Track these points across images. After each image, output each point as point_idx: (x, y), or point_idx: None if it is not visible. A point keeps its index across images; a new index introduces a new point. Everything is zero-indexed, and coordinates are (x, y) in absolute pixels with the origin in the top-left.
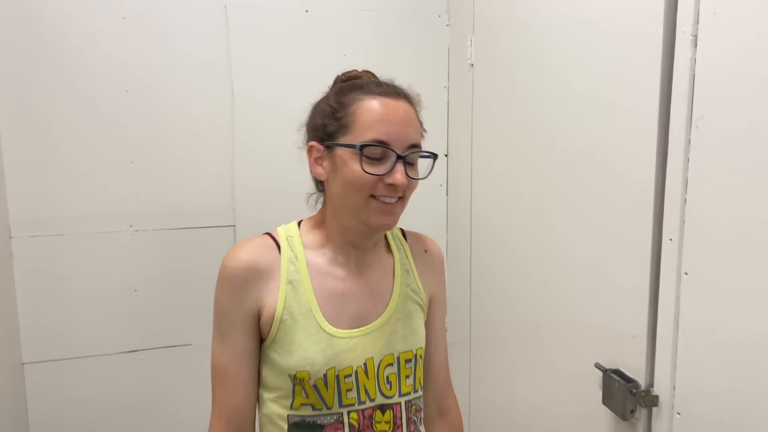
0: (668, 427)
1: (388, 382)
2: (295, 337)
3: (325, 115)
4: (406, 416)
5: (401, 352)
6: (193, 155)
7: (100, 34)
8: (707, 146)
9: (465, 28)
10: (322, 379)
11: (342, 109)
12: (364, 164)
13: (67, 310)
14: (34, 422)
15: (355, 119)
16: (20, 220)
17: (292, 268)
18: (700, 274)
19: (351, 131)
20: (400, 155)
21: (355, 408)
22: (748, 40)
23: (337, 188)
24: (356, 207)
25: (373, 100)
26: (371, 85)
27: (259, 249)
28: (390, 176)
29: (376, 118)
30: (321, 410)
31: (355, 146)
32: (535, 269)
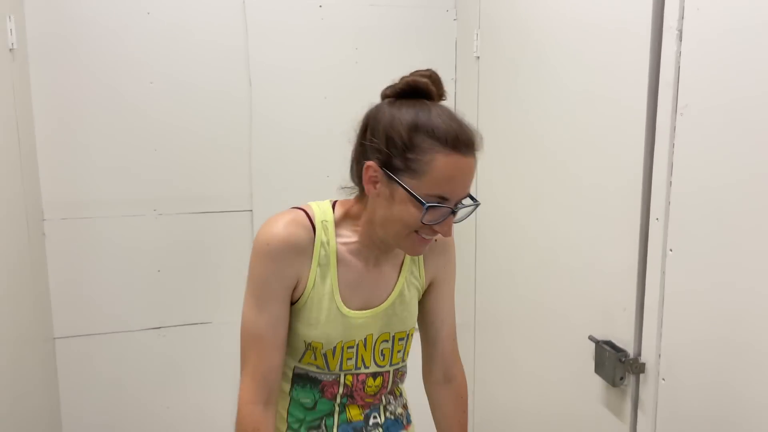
0: (654, 391)
1: (382, 354)
2: (318, 315)
3: (394, 146)
4: (392, 379)
5: (397, 332)
6: (213, 143)
7: (127, 29)
8: (691, 132)
9: (471, 22)
10: (331, 349)
11: (415, 152)
12: (424, 216)
13: (96, 289)
14: (64, 393)
15: (427, 172)
16: (52, 203)
17: (323, 253)
18: (684, 250)
19: (419, 179)
20: (453, 209)
21: (351, 372)
22: (729, 35)
23: (384, 213)
24: (396, 236)
25: (449, 157)
26: (449, 135)
27: (296, 227)
28: (440, 227)
29: (448, 178)
30: (323, 370)
31: (423, 204)
32: (534, 250)
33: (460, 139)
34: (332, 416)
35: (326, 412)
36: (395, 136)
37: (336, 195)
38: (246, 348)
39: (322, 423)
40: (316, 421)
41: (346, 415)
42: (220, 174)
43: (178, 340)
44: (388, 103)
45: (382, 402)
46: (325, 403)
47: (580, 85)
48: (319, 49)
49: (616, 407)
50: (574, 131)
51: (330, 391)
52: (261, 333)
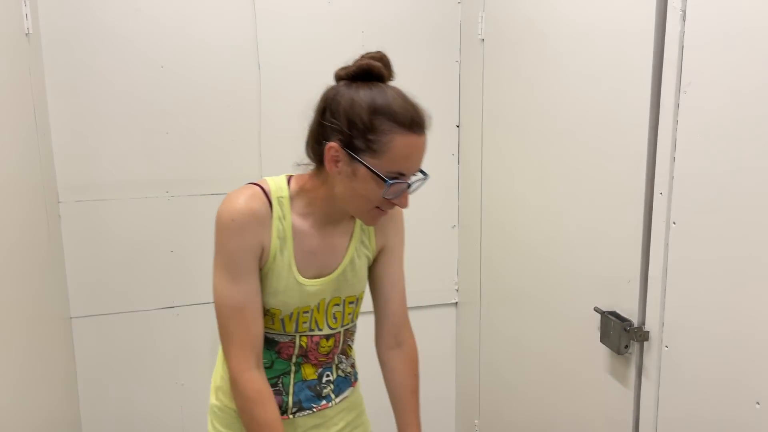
0: (657, 358)
1: (335, 317)
2: (278, 285)
3: (355, 127)
4: (343, 339)
5: (347, 296)
6: (224, 126)
7: (138, 13)
8: (694, 110)
9: (476, 5)
10: (288, 315)
11: (375, 133)
12: (385, 192)
13: (110, 270)
14: (81, 371)
15: (387, 151)
16: (67, 186)
17: (281, 227)
18: (686, 223)
19: (379, 158)
20: (408, 184)
21: (306, 334)
22: (730, 16)
23: (346, 190)
24: (358, 210)
25: (406, 137)
26: (406, 118)
27: (254, 200)
28: (398, 200)
29: (405, 156)
30: (280, 332)
31: (386, 181)
32: (540, 227)
33: (415, 120)
34: (288, 375)
35: (282, 371)
36: (356, 118)
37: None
38: (227, 320)
39: (279, 381)
40: (273, 379)
41: (301, 374)
42: (231, 156)
43: (191, 319)
44: (345, 85)
45: (335, 361)
46: (282, 362)
47: (586, 65)
48: (326, 33)
49: (621, 374)
50: (579, 110)
51: (286, 352)
52: (241, 304)
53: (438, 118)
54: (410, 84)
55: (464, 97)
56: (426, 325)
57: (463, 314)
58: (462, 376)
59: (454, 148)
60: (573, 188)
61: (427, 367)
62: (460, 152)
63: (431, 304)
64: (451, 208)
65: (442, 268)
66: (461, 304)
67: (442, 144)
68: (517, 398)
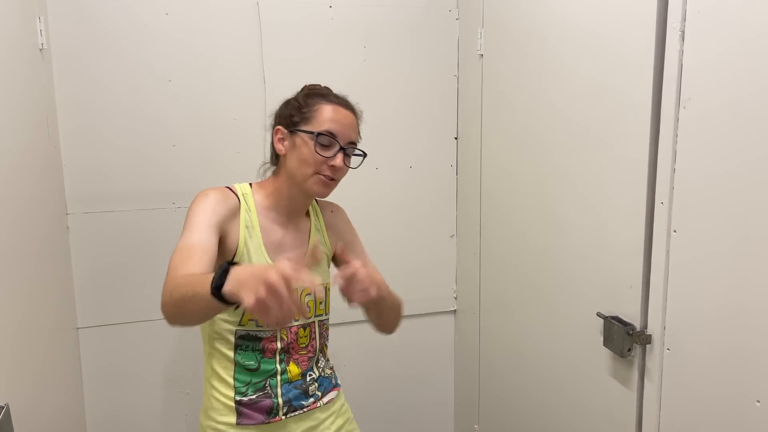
0: (659, 360)
1: (308, 306)
2: None
3: (292, 108)
4: (318, 332)
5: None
6: (229, 139)
7: (146, 28)
8: (693, 123)
9: (474, 21)
10: None
11: (307, 106)
12: (317, 147)
13: (117, 280)
14: (87, 380)
15: (316, 115)
16: (76, 198)
17: (247, 218)
18: (686, 231)
19: (311, 123)
20: (342, 146)
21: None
22: (727, 35)
23: (292, 163)
24: (303, 178)
25: (330, 105)
26: (331, 96)
27: (224, 190)
28: (333, 159)
29: (330, 117)
30: (262, 326)
31: (313, 133)
32: (541, 236)
33: (341, 99)
34: (275, 376)
35: (269, 372)
36: (292, 101)
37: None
38: (172, 262)
39: (266, 383)
40: (261, 382)
41: (287, 375)
42: (236, 168)
43: (196, 328)
44: None
45: (315, 358)
46: (267, 362)
47: (587, 81)
48: (329, 48)
49: (624, 377)
50: (581, 125)
51: (270, 349)
52: (193, 244)
53: (436, 130)
54: (409, 97)
55: (462, 111)
56: (425, 332)
57: (461, 322)
58: (461, 383)
59: (453, 159)
60: (574, 199)
61: (426, 373)
62: (458, 163)
63: (430, 312)
64: (449, 217)
65: (441, 276)
66: (460, 312)
67: (441, 155)
68: (517, 404)
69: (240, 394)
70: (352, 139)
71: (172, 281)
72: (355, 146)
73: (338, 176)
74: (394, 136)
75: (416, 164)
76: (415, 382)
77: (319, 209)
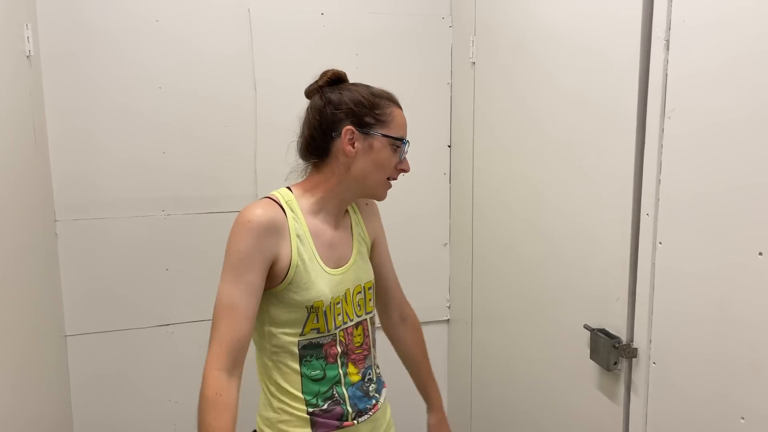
0: (645, 374)
1: (359, 305)
2: (309, 277)
3: (364, 107)
4: (370, 328)
5: (364, 282)
6: (220, 146)
7: (137, 35)
8: (678, 134)
9: (467, 29)
10: (329, 307)
11: (379, 108)
12: (400, 153)
13: (106, 288)
14: (75, 388)
15: (391, 120)
16: (64, 204)
17: (296, 225)
18: (672, 243)
19: (388, 127)
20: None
21: (341, 328)
22: (712, 44)
23: (365, 166)
24: (377, 182)
25: (398, 110)
26: (392, 96)
27: (272, 209)
28: (402, 164)
29: (402, 124)
30: (323, 333)
31: (399, 139)
32: (530, 247)
33: (394, 98)
34: (339, 383)
35: (334, 379)
36: (363, 100)
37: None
38: (218, 319)
39: (333, 391)
40: (329, 391)
41: (349, 378)
42: (227, 175)
43: (185, 336)
44: (328, 90)
45: (370, 356)
46: (331, 368)
47: (575, 90)
48: (321, 55)
49: (610, 390)
50: (569, 134)
51: (332, 354)
52: (234, 303)
53: (430, 139)
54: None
55: (455, 118)
56: None
57: (454, 331)
58: (454, 390)
59: (446, 167)
60: (562, 208)
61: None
62: (451, 172)
63: (424, 321)
64: (442, 226)
65: (434, 285)
66: (453, 321)
67: (434, 163)
68: (508, 414)
69: (311, 406)
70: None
71: (211, 393)
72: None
73: None
74: None
75: (409, 172)
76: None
77: (355, 204)
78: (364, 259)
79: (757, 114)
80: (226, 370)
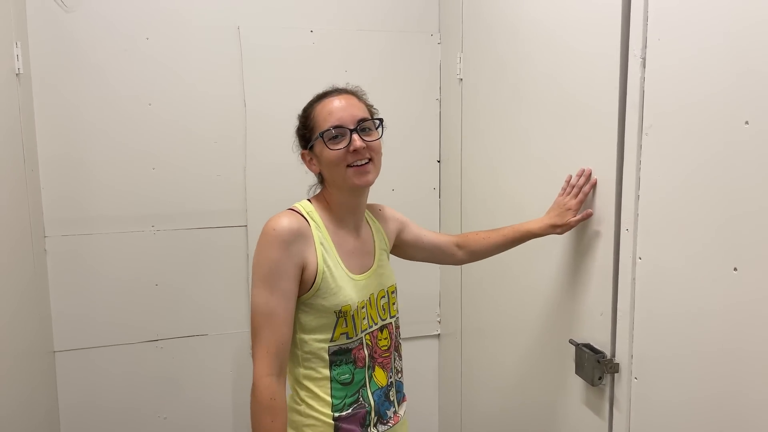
0: (627, 389)
1: (383, 309)
2: (335, 283)
3: (300, 129)
4: (394, 332)
5: (387, 286)
6: (209, 162)
7: (127, 53)
8: (655, 150)
9: (454, 46)
10: (356, 310)
11: (306, 119)
12: (329, 145)
13: (95, 303)
14: (63, 405)
15: (315, 121)
16: (53, 220)
17: (319, 234)
18: (651, 258)
19: (317, 128)
20: (351, 129)
21: (367, 331)
22: (686, 62)
23: (326, 172)
24: (342, 178)
25: (321, 103)
26: (318, 96)
27: (296, 218)
28: (351, 145)
29: (327, 111)
30: (352, 338)
31: (318, 136)
32: (517, 263)
33: (328, 91)
34: (365, 387)
35: (361, 383)
36: (298, 123)
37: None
38: (259, 327)
39: (359, 395)
40: (355, 395)
41: (375, 381)
42: (216, 191)
43: (175, 351)
44: None
45: (392, 358)
46: (359, 372)
47: (556, 106)
48: (310, 72)
49: (596, 405)
50: (551, 149)
51: (360, 358)
52: (273, 310)
53: (420, 154)
54: (392, 119)
55: (444, 134)
56: (410, 356)
57: (445, 345)
58: (444, 403)
59: (436, 182)
60: None
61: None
62: (441, 186)
63: (415, 336)
64: None
65: (425, 299)
66: (443, 336)
67: (424, 178)
68: (497, 427)
69: (337, 410)
70: (359, 117)
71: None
72: (366, 120)
73: (368, 155)
74: None
75: (398, 187)
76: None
77: (371, 213)
78: (384, 263)
79: (732, 133)
80: (275, 374)
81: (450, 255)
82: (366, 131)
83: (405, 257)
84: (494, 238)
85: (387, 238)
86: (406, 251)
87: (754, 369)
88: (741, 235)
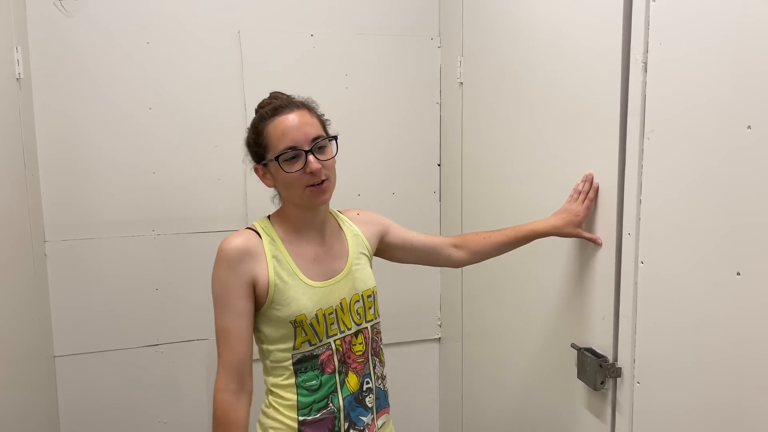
0: (630, 394)
1: (358, 313)
2: (288, 294)
3: (252, 144)
4: (372, 336)
5: (363, 291)
6: (210, 166)
7: (128, 57)
8: (657, 155)
9: (455, 50)
10: (314, 318)
11: (259, 137)
12: (285, 168)
13: (95, 308)
14: (63, 410)
15: (269, 141)
16: (54, 225)
17: (273, 247)
18: (653, 262)
19: (270, 150)
20: (306, 150)
21: (338, 336)
22: (687, 66)
23: (282, 190)
24: (299, 198)
25: (274, 121)
26: (270, 111)
27: (246, 237)
28: (307, 167)
29: (281, 131)
30: (316, 344)
31: (273, 159)
32: (518, 266)
33: (277, 107)
34: (336, 392)
35: (331, 389)
36: (248, 138)
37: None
38: (217, 344)
39: (328, 400)
40: (324, 400)
41: (347, 386)
42: (217, 195)
43: (175, 356)
44: None
45: (371, 364)
46: (328, 378)
47: (557, 111)
48: (310, 76)
49: (598, 410)
50: (553, 153)
51: (329, 364)
52: (226, 326)
53: (421, 157)
54: (392, 123)
55: (445, 137)
56: (411, 359)
57: (446, 349)
58: (445, 407)
59: (436, 186)
60: None
61: (412, 399)
62: (441, 190)
63: (415, 340)
64: None
65: (426, 303)
66: (444, 339)
67: (425, 182)
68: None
69: (303, 415)
70: (312, 135)
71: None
72: (321, 138)
73: (324, 175)
74: (376, 162)
75: (399, 190)
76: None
77: (346, 217)
78: (361, 269)
79: (734, 137)
80: (231, 391)
81: (446, 256)
82: (321, 150)
83: (395, 260)
84: (496, 238)
85: (367, 241)
86: (395, 254)
87: (757, 374)
88: (744, 239)
